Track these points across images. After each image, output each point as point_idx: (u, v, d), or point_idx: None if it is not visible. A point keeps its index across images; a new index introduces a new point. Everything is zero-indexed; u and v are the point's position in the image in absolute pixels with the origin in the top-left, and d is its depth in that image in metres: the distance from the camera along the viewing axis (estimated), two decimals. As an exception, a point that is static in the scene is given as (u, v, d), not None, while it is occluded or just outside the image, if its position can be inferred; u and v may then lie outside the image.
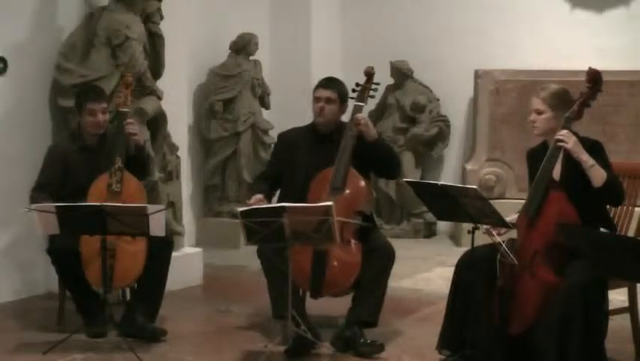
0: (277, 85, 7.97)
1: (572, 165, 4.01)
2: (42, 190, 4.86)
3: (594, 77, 4.07)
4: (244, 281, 6.30)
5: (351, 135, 4.65)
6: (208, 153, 7.82)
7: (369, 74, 4.83)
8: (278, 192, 4.89)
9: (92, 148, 4.94)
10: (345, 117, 4.82)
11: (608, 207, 4.32)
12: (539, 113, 4.13)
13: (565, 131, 3.99)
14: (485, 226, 4.11)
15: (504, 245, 3.98)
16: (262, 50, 7.91)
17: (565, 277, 3.86)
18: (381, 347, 4.51)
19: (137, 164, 4.96)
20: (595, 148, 4.03)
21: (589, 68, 4.11)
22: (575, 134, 4.04)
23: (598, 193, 3.97)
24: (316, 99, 4.79)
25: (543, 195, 3.99)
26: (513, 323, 3.95)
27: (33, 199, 4.76)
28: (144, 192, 4.98)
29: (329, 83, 4.84)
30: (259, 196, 4.65)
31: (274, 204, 4.34)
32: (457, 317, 4.19)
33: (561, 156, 4.04)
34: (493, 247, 4.03)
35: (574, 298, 3.78)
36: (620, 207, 4.42)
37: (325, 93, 4.78)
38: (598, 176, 3.94)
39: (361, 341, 4.48)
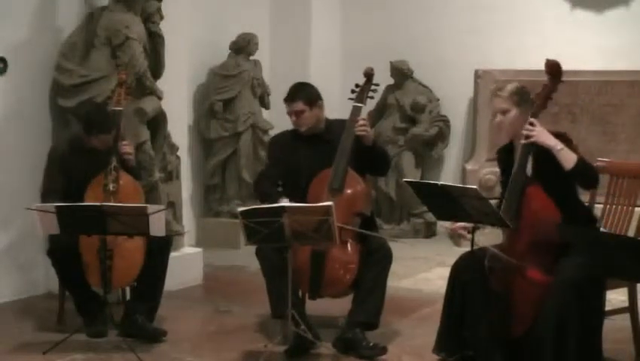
0: (277, 85, 7.95)
1: (543, 159, 3.98)
2: (51, 195, 4.82)
3: (553, 69, 4.05)
4: (244, 281, 6.30)
5: (350, 137, 4.65)
6: (208, 153, 7.82)
7: (368, 74, 4.83)
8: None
9: (94, 152, 4.92)
10: (344, 116, 4.81)
11: (604, 206, 4.33)
12: (504, 112, 4.11)
13: (528, 125, 3.97)
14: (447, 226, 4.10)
15: (491, 248, 3.98)
16: (262, 50, 7.91)
17: (555, 275, 3.86)
18: (383, 350, 4.50)
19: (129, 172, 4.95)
20: (562, 139, 4.01)
21: (547, 59, 4.07)
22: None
23: (570, 176, 3.94)
24: (288, 114, 4.80)
25: (520, 194, 3.97)
26: (514, 325, 3.95)
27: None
28: (141, 191, 4.97)
29: (290, 96, 4.79)
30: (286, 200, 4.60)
31: (274, 205, 4.34)
32: (454, 319, 4.18)
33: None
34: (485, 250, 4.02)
35: (566, 295, 3.76)
36: (619, 206, 4.43)
37: (292, 107, 4.76)
38: (568, 159, 3.91)
39: (363, 343, 4.47)
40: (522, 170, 4.00)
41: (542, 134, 3.95)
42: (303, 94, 4.79)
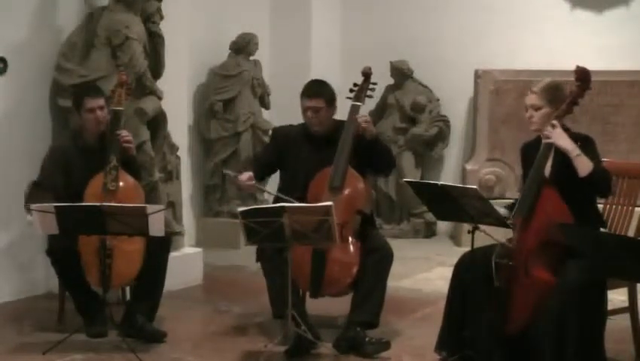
0: (277, 85, 7.97)
1: (562, 161, 4.00)
2: (40, 188, 4.83)
3: (583, 76, 4.06)
4: (244, 281, 6.30)
5: (349, 135, 4.65)
6: (208, 153, 7.82)
7: (366, 74, 4.83)
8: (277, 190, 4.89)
9: (93, 149, 4.93)
10: (343, 116, 4.81)
11: (604, 206, 4.32)
12: (536, 109, 4.13)
13: (549, 127, 4.00)
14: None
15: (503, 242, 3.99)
16: (262, 50, 7.91)
17: (561, 276, 3.86)
18: (387, 345, 4.49)
19: (129, 169, 4.95)
20: (585, 142, 4.03)
21: (577, 66, 4.09)
22: (567, 130, 4.05)
23: (584, 184, 3.96)
24: (304, 109, 4.76)
25: (535, 193, 3.99)
26: (511, 323, 3.95)
27: (29, 196, 4.74)
28: (141, 190, 4.96)
29: (312, 91, 4.75)
30: (249, 174, 4.68)
31: (274, 205, 4.34)
32: (455, 319, 4.18)
33: (552, 153, 4.05)
34: (491, 248, 4.03)
35: (570, 297, 3.77)
36: (619, 206, 4.43)
37: (311, 103, 4.72)
38: (584, 166, 3.93)
39: (366, 339, 4.47)
40: (540, 169, 4.02)
41: (561, 137, 3.97)
42: (323, 91, 4.76)
